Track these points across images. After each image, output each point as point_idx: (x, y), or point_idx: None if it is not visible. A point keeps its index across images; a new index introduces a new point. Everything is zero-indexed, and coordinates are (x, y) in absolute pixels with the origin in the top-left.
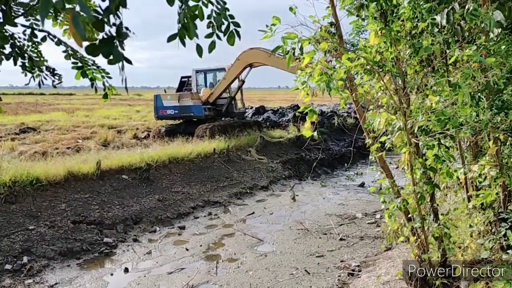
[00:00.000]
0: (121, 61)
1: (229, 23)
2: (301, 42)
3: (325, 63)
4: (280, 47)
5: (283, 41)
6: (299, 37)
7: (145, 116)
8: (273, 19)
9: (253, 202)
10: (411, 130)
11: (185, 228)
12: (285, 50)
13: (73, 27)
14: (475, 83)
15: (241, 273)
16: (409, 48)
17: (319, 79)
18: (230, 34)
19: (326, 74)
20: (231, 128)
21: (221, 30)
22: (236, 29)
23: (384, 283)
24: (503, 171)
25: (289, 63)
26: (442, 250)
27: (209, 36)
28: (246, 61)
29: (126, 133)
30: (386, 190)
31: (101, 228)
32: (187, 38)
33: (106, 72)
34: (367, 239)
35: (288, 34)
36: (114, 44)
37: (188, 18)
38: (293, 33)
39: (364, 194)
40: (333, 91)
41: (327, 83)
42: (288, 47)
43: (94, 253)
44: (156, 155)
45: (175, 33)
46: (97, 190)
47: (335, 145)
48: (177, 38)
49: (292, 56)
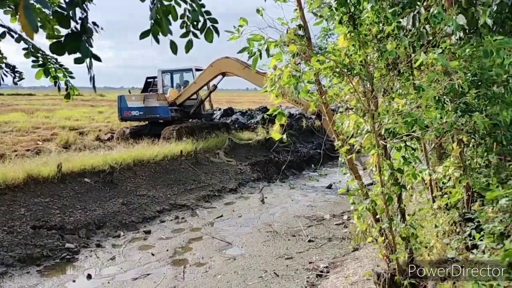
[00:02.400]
0: (90, 58)
1: (205, 20)
2: (268, 44)
3: (294, 65)
4: (246, 48)
5: (249, 43)
6: (265, 38)
7: (108, 118)
8: (240, 20)
9: (221, 205)
10: (379, 132)
11: (150, 232)
12: (251, 52)
13: (23, 17)
14: (440, 86)
15: (209, 278)
16: (376, 51)
17: (287, 82)
18: (208, 31)
19: (294, 77)
20: (199, 130)
21: (197, 28)
22: (214, 25)
23: (352, 284)
24: (466, 172)
25: (255, 65)
26: (409, 250)
27: (185, 35)
28: (219, 69)
29: (88, 134)
30: (355, 191)
31: (63, 233)
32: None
33: (69, 72)
34: (335, 240)
35: (254, 35)
36: (81, 39)
37: (161, 14)
38: (260, 34)
39: (332, 196)
40: (301, 94)
41: (296, 85)
42: (254, 49)
43: (55, 259)
44: (120, 158)
45: (147, 29)
46: (58, 194)
47: (303, 147)
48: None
49: (258, 58)
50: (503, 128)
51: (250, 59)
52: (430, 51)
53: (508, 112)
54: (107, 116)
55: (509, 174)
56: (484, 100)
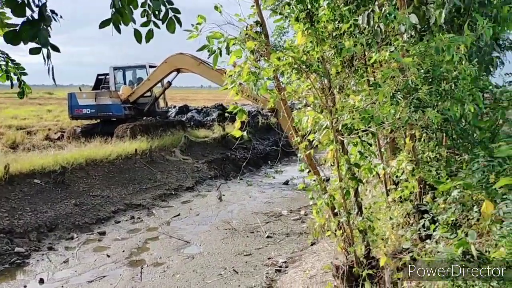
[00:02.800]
0: (47, 47)
1: (167, 9)
2: (227, 42)
3: (253, 62)
4: (206, 46)
5: (208, 41)
6: (225, 36)
7: (58, 116)
8: (198, 18)
9: (178, 203)
10: (336, 128)
11: (105, 233)
12: (211, 50)
13: None
14: (394, 83)
15: (168, 277)
16: (333, 48)
17: (247, 79)
18: (170, 21)
19: (254, 74)
20: (154, 128)
21: (159, 18)
22: (176, 15)
23: (311, 277)
24: (419, 165)
25: (215, 63)
26: (366, 242)
27: (146, 24)
28: (174, 65)
29: (37, 134)
30: (314, 186)
31: (12, 237)
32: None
33: (21, 68)
34: (293, 235)
35: (213, 33)
36: (39, 27)
37: (125, 2)
38: (219, 32)
39: (288, 192)
40: (261, 91)
41: (255, 82)
42: (214, 47)
43: (4, 264)
44: (72, 157)
45: (108, 18)
46: (6, 196)
47: (259, 144)
48: (111, 24)
49: (218, 55)
50: (453, 123)
51: (210, 57)
52: (384, 49)
53: (457, 108)
54: (57, 115)
55: (458, 167)
56: (435, 96)
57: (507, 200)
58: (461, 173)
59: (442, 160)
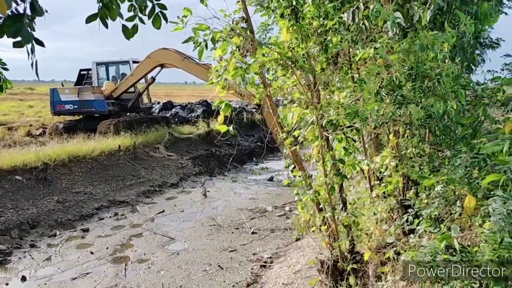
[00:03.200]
0: (31, 42)
1: (154, 5)
2: (213, 34)
3: (240, 57)
4: (192, 38)
5: (194, 33)
6: (211, 29)
7: (40, 112)
8: (184, 10)
9: (162, 200)
10: (321, 124)
11: (89, 230)
12: (197, 42)
13: None
14: (379, 79)
15: (153, 274)
16: (318, 45)
17: (234, 74)
18: (156, 17)
19: (241, 69)
20: (138, 124)
21: (145, 13)
22: (162, 11)
23: (296, 272)
24: (402, 161)
25: (201, 55)
26: (351, 237)
27: (131, 19)
28: (157, 60)
29: (18, 130)
30: (299, 182)
31: None
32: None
33: (2, 63)
34: (278, 231)
35: (199, 25)
36: (23, 22)
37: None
38: (205, 24)
39: (273, 188)
40: (248, 86)
41: (243, 77)
42: (200, 39)
43: None
44: (54, 154)
45: (94, 13)
46: None
47: (244, 141)
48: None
49: (204, 48)
50: (436, 120)
51: (195, 49)
52: (368, 46)
53: (440, 104)
54: (38, 110)
55: (441, 163)
56: (419, 93)
57: (495, 196)
58: (443, 168)
59: (425, 156)
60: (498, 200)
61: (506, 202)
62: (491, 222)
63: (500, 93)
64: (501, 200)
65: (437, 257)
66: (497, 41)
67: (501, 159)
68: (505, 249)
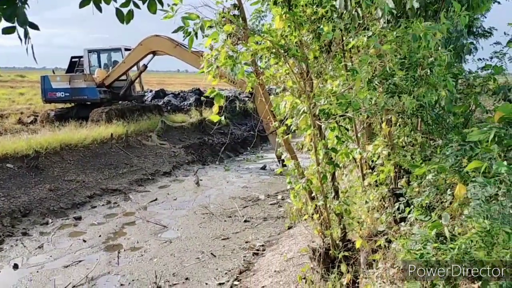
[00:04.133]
0: (26, 25)
1: None
2: (203, 23)
3: (231, 46)
4: (181, 28)
5: (183, 22)
6: (201, 18)
7: (31, 99)
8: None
9: (155, 188)
10: (314, 112)
11: (81, 218)
12: (187, 32)
13: None
14: (371, 68)
15: (145, 261)
16: (311, 33)
17: (224, 63)
18: (151, 1)
19: (231, 58)
20: (130, 112)
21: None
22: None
23: (288, 260)
24: (394, 150)
25: (190, 45)
26: (343, 225)
27: (126, 4)
28: (149, 48)
29: (9, 118)
30: (291, 171)
31: None
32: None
33: None
34: (270, 220)
35: (189, 14)
36: (16, 4)
37: None
38: (195, 14)
39: (266, 176)
40: (239, 75)
41: (232, 67)
42: (189, 28)
43: None
44: (46, 142)
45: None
46: None
47: (237, 129)
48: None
49: (193, 37)
50: (428, 109)
51: (185, 39)
52: (361, 34)
53: (432, 94)
54: (29, 98)
55: (433, 151)
56: (411, 82)
57: (475, 183)
58: (435, 157)
59: (417, 145)
60: (477, 186)
61: (484, 188)
62: (469, 208)
63: (491, 82)
64: (480, 186)
65: (428, 245)
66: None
67: (486, 147)
68: (477, 235)
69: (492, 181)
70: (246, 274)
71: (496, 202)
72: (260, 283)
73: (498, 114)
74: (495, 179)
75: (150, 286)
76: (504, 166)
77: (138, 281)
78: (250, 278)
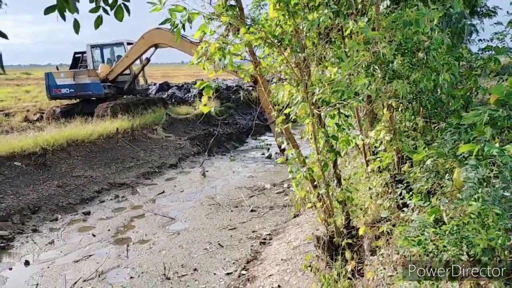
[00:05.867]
0: None
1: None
2: (189, 15)
3: (221, 38)
4: (169, 20)
5: (170, 14)
6: (187, 10)
7: (36, 97)
8: None
9: (162, 181)
10: (312, 101)
11: (90, 213)
12: (174, 24)
13: None
14: (368, 55)
15: (154, 254)
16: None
17: (214, 53)
18: (118, 8)
19: (220, 50)
20: (135, 106)
21: (108, 3)
22: (125, 3)
23: (294, 248)
24: (396, 135)
25: (178, 37)
26: (346, 213)
27: (95, 10)
28: (151, 41)
29: (15, 116)
30: (292, 160)
31: None
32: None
33: None
34: (277, 208)
35: (176, 6)
36: None
37: None
38: (181, 6)
39: (271, 166)
40: (229, 67)
41: (220, 58)
42: (176, 21)
43: None
44: (52, 138)
45: (53, 5)
46: None
47: (242, 119)
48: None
49: (180, 30)
50: (427, 93)
51: (172, 30)
52: (359, 20)
53: (430, 78)
54: (35, 95)
55: (434, 136)
56: (408, 67)
57: (467, 166)
58: (436, 142)
59: (419, 130)
60: (469, 168)
61: (476, 170)
62: (462, 191)
63: (492, 63)
64: (472, 169)
65: (425, 231)
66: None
67: (479, 130)
68: (468, 217)
69: (484, 163)
70: (254, 263)
71: (488, 185)
72: (267, 271)
73: (494, 96)
74: (487, 161)
75: (159, 278)
76: (495, 148)
77: (147, 273)
78: (257, 267)
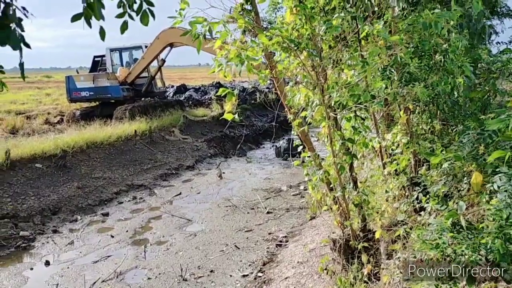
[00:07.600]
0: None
1: (141, 2)
2: (210, 26)
3: (239, 43)
4: (189, 32)
5: (191, 26)
6: (208, 21)
7: (57, 100)
8: (181, 4)
9: (179, 182)
10: (328, 104)
11: (108, 214)
12: (195, 35)
13: None
14: (385, 58)
15: (171, 255)
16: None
17: (231, 58)
18: (144, 13)
19: (239, 57)
20: (152, 108)
21: (133, 9)
22: (150, 8)
23: (310, 251)
24: (413, 138)
25: (199, 48)
26: (362, 216)
27: (121, 15)
28: (166, 40)
29: (36, 118)
30: (308, 162)
31: (16, 221)
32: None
33: None
34: (293, 210)
35: (196, 18)
36: (10, 27)
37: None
38: (201, 17)
39: (288, 168)
40: (248, 72)
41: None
42: (198, 31)
43: (10, 248)
44: (72, 141)
45: (79, 12)
46: (8, 182)
47: (258, 121)
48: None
49: (202, 40)
50: (444, 96)
51: (194, 41)
52: (375, 23)
53: (447, 81)
54: (56, 98)
55: (451, 139)
56: (425, 70)
57: (500, 173)
58: (453, 145)
59: (436, 133)
60: (503, 177)
61: (511, 179)
62: (497, 200)
63: (511, 65)
64: (506, 177)
65: (443, 235)
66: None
67: (506, 135)
68: (511, 226)
69: None
70: (270, 266)
71: None
72: (283, 274)
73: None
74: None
75: (176, 279)
76: None
77: (164, 275)
78: (273, 269)
